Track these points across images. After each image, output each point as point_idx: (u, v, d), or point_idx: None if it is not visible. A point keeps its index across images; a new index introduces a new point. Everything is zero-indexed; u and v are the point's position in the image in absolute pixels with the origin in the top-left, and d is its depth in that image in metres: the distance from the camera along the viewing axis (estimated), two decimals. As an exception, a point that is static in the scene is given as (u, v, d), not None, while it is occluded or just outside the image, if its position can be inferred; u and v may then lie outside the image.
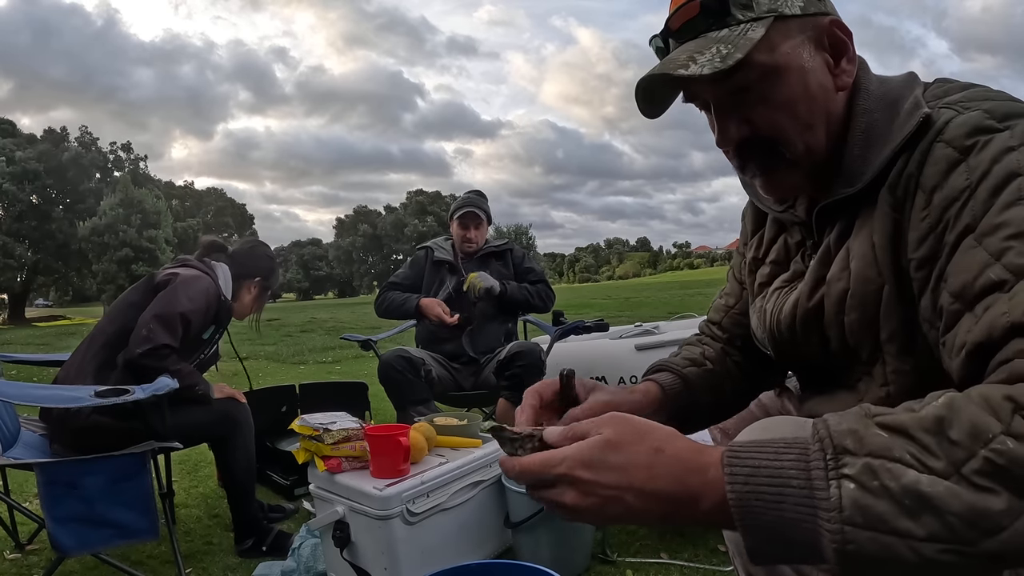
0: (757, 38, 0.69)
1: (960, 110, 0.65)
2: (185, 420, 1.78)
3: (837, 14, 0.76)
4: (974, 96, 0.67)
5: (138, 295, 1.93)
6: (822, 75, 0.73)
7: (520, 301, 2.66)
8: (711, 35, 0.71)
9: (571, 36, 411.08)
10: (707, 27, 0.72)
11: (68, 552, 1.52)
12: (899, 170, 0.68)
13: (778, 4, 0.71)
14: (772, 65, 0.71)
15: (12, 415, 1.90)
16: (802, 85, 0.72)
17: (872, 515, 0.44)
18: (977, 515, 0.43)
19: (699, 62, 0.69)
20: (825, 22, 0.73)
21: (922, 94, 0.71)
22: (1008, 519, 0.43)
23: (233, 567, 1.85)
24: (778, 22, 0.71)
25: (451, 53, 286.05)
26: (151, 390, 1.56)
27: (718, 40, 0.70)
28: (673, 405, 0.90)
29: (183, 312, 1.84)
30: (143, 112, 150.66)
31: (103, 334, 1.87)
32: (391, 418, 2.69)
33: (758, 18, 0.70)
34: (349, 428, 1.53)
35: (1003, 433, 0.44)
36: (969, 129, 0.62)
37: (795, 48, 0.71)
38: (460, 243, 2.73)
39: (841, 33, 0.73)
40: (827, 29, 0.73)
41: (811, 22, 0.72)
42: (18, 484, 2.46)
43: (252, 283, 2.14)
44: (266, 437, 2.47)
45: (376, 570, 1.41)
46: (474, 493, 1.56)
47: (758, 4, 0.71)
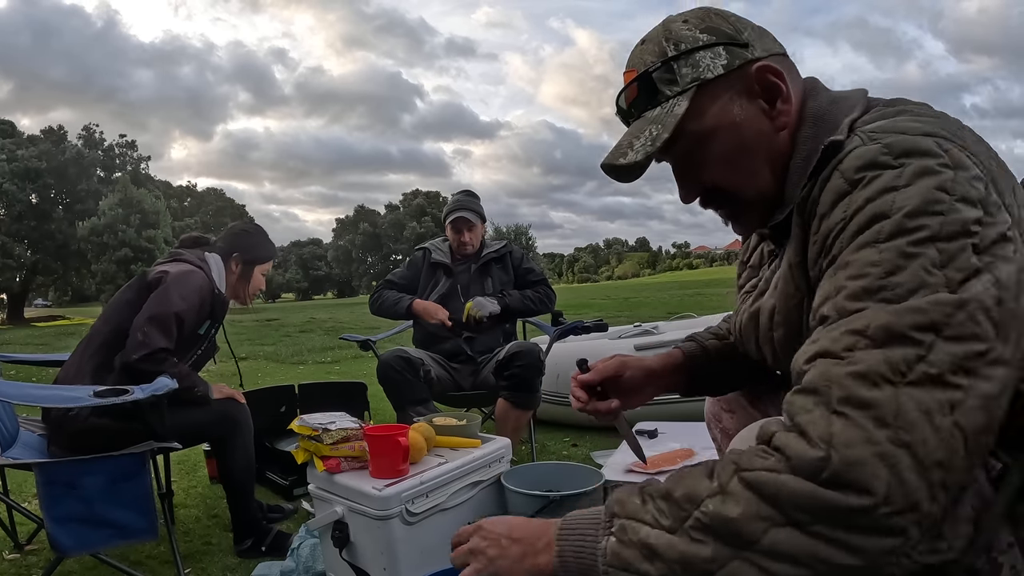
0: (682, 112, 0.75)
1: (866, 140, 0.66)
2: (184, 420, 1.78)
3: (777, 47, 0.79)
4: (887, 128, 0.66)
5: (132, 293, 1.92)
6: (758, 122, 0.76)
7: (521, 311, 2.66)
8: (647, 115, 0.78)
9: (569, 37, 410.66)
10: (644, 107, 0.79)
11: (67, 552, 1.52)
12: (806, 194, 0.71)
13: (700, 71, 0.76)
14: (703, 131, 0.76)
15: (11, 415, 1.90)
16: (737, 140, 0.76)
17: (623, 560, 0.60)
18: (688, 561, 0.56)
19: (635, 147, 0.77)
20: (752, 71, 0.76)
21: (859, 116, 0.72)
22: (715, 565, 0.55)
23: (232, 567, 1.85)
24: (703, 89, 0.76)
25: (449, 54, 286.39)
26: (150, 390, 1.56)
27: (651, 120, 0.77)
28: (691, 368, 1.06)
29: (177, 312, 1.83)
30: (143, 113, 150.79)
31: (99, 334, 1.87)
32: (390, 418, 2.69)
33: (683, 91, 0.76)
34: (348, 428, 1.53)
35: (709, 496, 0.57)
36: (862, 163, 0.63)
37: (724, 107, 0.76)
38: (456, 246, 2.73)
39: (772, 76, 0.76)
40: (756, 77, 0.76)
41: (737, 76, 0.76)
42: (17, 484, 2.45)
43: (233, 261, 2.12)
44: (265, 437, 2.47)
45: (375, 570, 1.41)
46: (473, 493, 1.56)
47: (682, 77, 0.76)
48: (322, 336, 10.90)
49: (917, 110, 0.71)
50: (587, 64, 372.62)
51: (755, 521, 0.54)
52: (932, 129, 0.64)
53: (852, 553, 0.52)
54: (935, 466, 0.52)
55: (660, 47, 0.78)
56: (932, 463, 0.52)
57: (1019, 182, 0.70)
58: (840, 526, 0.52)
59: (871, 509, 0.51)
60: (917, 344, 0.55)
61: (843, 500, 0.52)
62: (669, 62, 0.77)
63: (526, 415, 2.42)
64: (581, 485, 1.48)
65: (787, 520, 0.53)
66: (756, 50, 0.77)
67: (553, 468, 1.66)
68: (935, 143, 0.62)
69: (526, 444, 2.75)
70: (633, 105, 0.81)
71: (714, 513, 0.56)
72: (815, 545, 0.52)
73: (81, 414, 1.70)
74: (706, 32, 0.77)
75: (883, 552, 0.52)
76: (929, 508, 0.52)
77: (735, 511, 0.55)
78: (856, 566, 0.53)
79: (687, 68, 0.76)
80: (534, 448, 2.77)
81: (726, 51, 0.76)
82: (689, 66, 0.76)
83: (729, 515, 0.55)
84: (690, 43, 0.77)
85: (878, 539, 0.52)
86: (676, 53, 0.77)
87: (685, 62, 0.76)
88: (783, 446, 0.56)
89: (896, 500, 0.51)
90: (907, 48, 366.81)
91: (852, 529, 0.52)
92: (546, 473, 1.63)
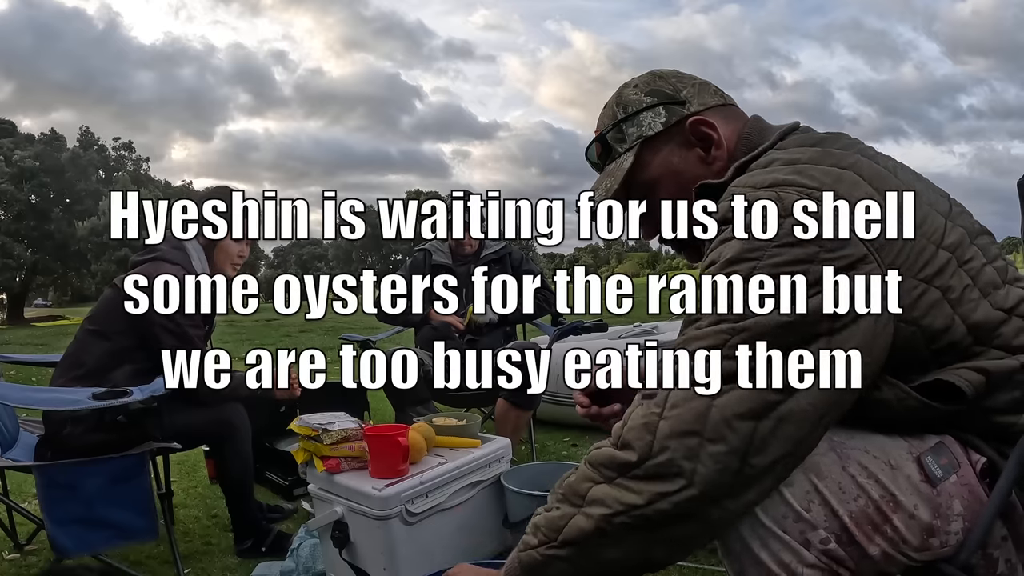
0: (628, 166, 0.90)
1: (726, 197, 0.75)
2: (182, 423, 1.76)
3: (714, 100, 0.90)
4: (742, 183, 0.76)
5: (109, 322, 1.83)
6: (696, 168, 0.88)
7: (520, 320, 2.66)
8: (607, 168, 0.94)
9: (566, 39, 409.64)
10: (605, 161, 0.95)
11: (68, 553, 1.52)
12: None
13: (643, 129, 0.90)
14: (648, 180, 0.90)
15: (12, 417, 1.90)
16: (679, 186, 0.88)
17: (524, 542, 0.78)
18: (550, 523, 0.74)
19: (597, 196, 0.94)
20: (687, 125, 0.88)
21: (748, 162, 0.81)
22: (564, 520, 0.72)
23: (232, 567, 1.85)
24: (646, 144, 0.90)
25: (448, 56, 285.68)
26: (149, 391, 1.56)
27: (608, 174, 0.93)
28: None
29: (180, 321, 1.82)
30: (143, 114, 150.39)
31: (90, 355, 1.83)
32: (390, 418, 2.69)
33: (630, 148, 0.90)
34: (348, 428, 1.53)
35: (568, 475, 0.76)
36: (719, 217, 0.74)
37: (665, 159, 0.89)
38: (456, 247, 2.73)
39: (705, 128, 0.87)
40: (691, 130, 0.88)
41: (676, 131, 0.89)
42: (16, 484, 2.45)
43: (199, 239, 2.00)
44: (265, 437, 2.47)
45: (375, 570, 1.41)
46: (473, 493, 1.56)
47: (628, 136, 0.91)
48: (322, 336, 10.90)
49: (788, 156, 0.77)
50: (584, 66, 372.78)
51: (584, 482, 0.72)
52: (780, 177, 0.72)
53: (633, 493, 0.67)
54: (687, 434, 0.66)
55: (613, 112, 0.93)
56: (683, 431, 0.66)
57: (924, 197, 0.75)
58: (626, 475, 0.68)
59: (638, 462, 0.67)
60: (691, 357, 0.70)
61: (621, 456, 0.69)
62: (619, 123, 0.91)
63: (526, 415, 2.42)
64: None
65: (602, 477, 0.70)
66: (692, 105, 0.89)
67: (553, 468, 1.66)
68: (772, 193, 0.71)
69: (526, 444, 2.75)
70: (599, 158, 0.96)
71: (567, 484, 0.74)
72: (612, 489, 0.69)
73: (76, 432, 1.66)
74: (649, 95, 0.90)
75: (654, 494, 0.66)
76: (690, 465, 0.65)
77: (574, 478, 0.74)
78: (638, 504, 0.67)
79: (632, 128, 0.90)
80: (534, 448, 2.77)
81: (665, 110, 0.89)
82: (634, 126, 0.90)
83: (571, 482, 0.74)
84: (635, 106, 0.91)
85: (650, 484, 0.67)
86: (624, 116, 0.91)
87: (631, 123, 0.90)
88: (612, 430, 0.74)
89: (656, 455, 0.67)
90: (903, 50, 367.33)
91: (634, 478, 0.68)
92: (546, 473, 1.63)
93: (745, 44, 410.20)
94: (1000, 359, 0.70)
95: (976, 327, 0.70)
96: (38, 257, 25.73)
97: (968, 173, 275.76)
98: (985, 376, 0.68)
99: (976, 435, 0.71)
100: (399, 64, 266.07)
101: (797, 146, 0.80)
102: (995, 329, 0.71)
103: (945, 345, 0.70)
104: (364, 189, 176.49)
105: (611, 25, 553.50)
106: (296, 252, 66.81)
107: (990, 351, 0.70)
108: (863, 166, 0.74)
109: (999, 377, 0.69)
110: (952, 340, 0.70)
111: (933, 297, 0.70)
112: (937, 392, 0.69)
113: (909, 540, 0.66)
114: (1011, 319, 0.71)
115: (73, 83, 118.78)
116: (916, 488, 0.67)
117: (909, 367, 0.71)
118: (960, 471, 0.69)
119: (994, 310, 0.71)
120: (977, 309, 0.71)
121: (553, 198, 2.12)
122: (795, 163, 0.75)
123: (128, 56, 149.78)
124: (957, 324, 0.70)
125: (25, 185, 24.45)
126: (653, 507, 0.66)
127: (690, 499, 0.65)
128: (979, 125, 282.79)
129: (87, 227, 24.28)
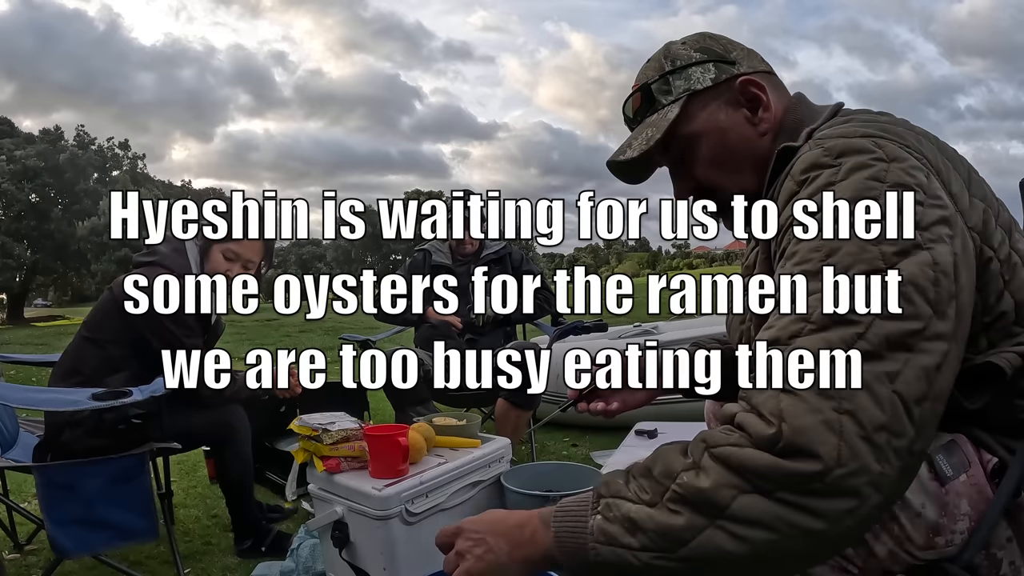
0: (673, 117, 0.87)
1: (812, 146, 0.73)
2: (181, 425, 1.76)
3: (763, 66, 0.90)
4: (831, 134, 0.73)
5: (109, 328, 1.82)
6: (742, 128, 0.87)
7: (520, 320, 2.66)
8: (647, 119, 0.91)
9: (564, 40, 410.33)
10: (645, 114, 0.92)
11: (68, 554, 1.52)
12: (770, 193, 0.79)
13: (692, 83, 0.88)
14: (692, 133, 0.88)
15: (12, 417, 1.90)
16: (722, 143, 0.87)
17: (608, 535, 0.62)
18: (666, 531, 0.59)
19: (633, 147, 0.90)
20: (736, 84, 0.87)
21: (819, 125, 0.79)
22: (690, 533, 0.58)
23: (232, 567, 1.85)
24: (693, 97, 0.88)
25: (447, 57, 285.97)
26: (149, 391, 1.56)
27: (648, 124, 0.90)
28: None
29: (180, 321, 1.82)
30: (144, 115, 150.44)
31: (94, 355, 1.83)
32: (390, 418, 2.69)
33: (676, 99, 0.88)
34: (348, 428, 1.52)
35: (684, 470, 0.60)
36: (806, 165, 0.71)
37: (712, 114, 0.88)
38: (456, 247, 2.73)
39: (754, 89, 0.87)
40: (740, 89, 0.87)
41: (724, 88, 0.88)
42: (16, 484, 2.45)
43: (197, 241, 1.99)
44: (265, 437, 2.47)
45: (375, 570, 1.41)
46: (473, 493, 1.56)
47: (675, 87, 0.89)
48: (321, 336, 10.90)
49: (867, 117, 0.77)
50: (582, 67, 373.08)
51: (724, 489, 0.57)
52: (871, 131, 0.70)
53: (813, 515, 0.55)
54: (879, 429, 0.56)
55: (659, 64, 0.91)
56: (875, 427, 0.55)
57: (976, 180, 0.75)
58: (799, 491, 0.55)
59: (824, 473, 0.55)
60: (855, 324, 0.59)
61: (797, 467, 0.55)
62: (666, 75, 0.89)
63: (526, 415, 2.42)
64: (581, 485, 1.48)
65: (753, 488, 0.57)
66: (742, 67, 0.88)
67: (553, 468, 1.66)
68: (871, 142, 0.68)
69: (526, 444, 2.75)
70: (637, 113, 0.93)
71: (687, 484, 0.59)
72: (779, 509, 0.56)
73: (74, 436, 1.67)
74: (699, 51, 0.89)
75: (841, 513, 0.55)
76: (879, 468, 0.55)
77: (706, 482, 0.58)
78: (819, 529, 0.56)
79: (680, 80, 0.88)
80: (534, 448, 2.78)
81: (715, 67, 0.88)
82: (682, 79, 0.88)
83: (701, 486, 0.58)
84: (684, 60, 0.89)
85: (833, 501, 0.55)
86: (672, 68, 0.89)
87: (679, 76, 0.89)
88: (742, 423, 0.60)
89: (846, 462, 0.55)
90: (900, 51, 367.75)
91: (809, 493, 0.55)
92: (546, 473, 1.63)
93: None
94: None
95: (1020, 306, 0.70)
96: (38, 257, 25.71)
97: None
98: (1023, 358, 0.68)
99: (989, 429, 0.71)
100: (398, 65, 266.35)
101: (865, 114, 0.79)
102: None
103: (996, 317, 0.70)
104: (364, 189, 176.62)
105: (609, 26, 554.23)
106: (296, 252, 66.83)
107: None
108: (931, 137, 0.75)
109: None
110: (1003, 311, 0.70)
111: (995, 268, 0.70)
112: (973, 384, 0.69)
113: (914, 538, 0.66)
114: None
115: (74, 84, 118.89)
116: (924, 486, 0.67)
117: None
118: (970, 470, 0.69)
119: None
120: (1023, 288, 0.71)
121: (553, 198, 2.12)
122: (875, 121, 0.74)
123: (129, 57, 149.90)
124: (1007, 299, 0.70)
125: (26, 185, 24.43)
126: (837, 529, 0.55)
127: (876, 508, 0.56)
128: (977, 125, 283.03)
129: (87, 227, 24.25)
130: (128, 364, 1.79)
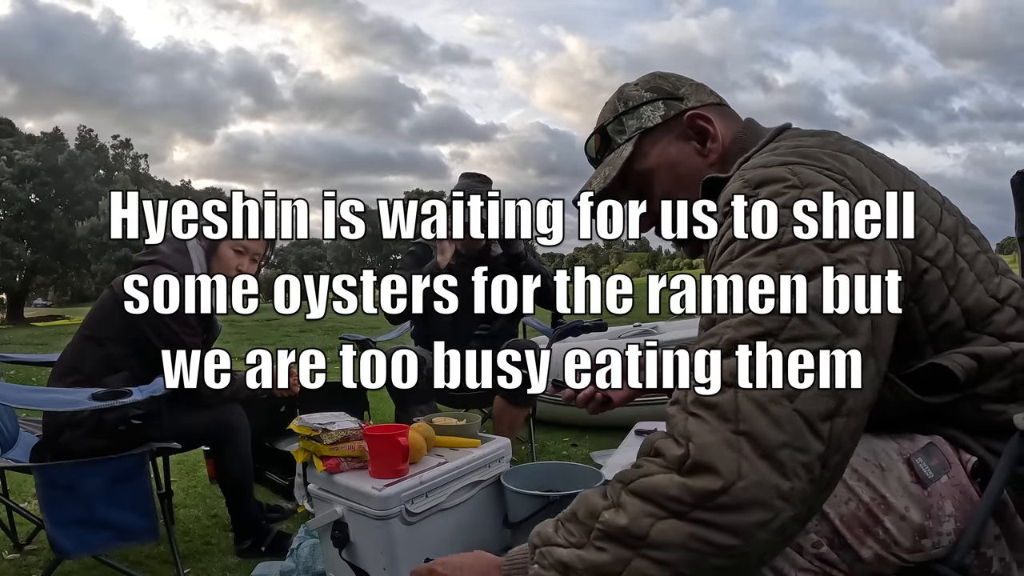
0: (627, 155, 0.93)
1: (736, 178, 0.75)
2: (181, 425, 1.76)
3: (711, 99, 0.95)
4: (753, 164, 0.76)
5: (110, 327, 1.82)
6: (692, 160, 0.92)
7: (535, 268, 2.57)
8: (606, 159, 0.98)
9: (559, 43, 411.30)
10: (603, 153, 0.99)
11: (68, 554, 1.53)
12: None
13: (643, 121, 0.94)
14: (646, 169, 0.94)
15: (11, 417, 1.90)
16: (674, 175, 0.92)
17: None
18: (596, 568, 0.61)
19: (593, 185, 0.97)
20: (684, 119, 0.92)
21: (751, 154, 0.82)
22: (619, 566, 0.59)
23: (232, 567, 1.85)
24: (645, 135, 0.94)
25: (444, 60, 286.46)
26: (149, 391, 1.56)
27: (606, 164, 0.96)
28: None
29: (181, 322, 1.82)
30: (145, 117, 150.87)
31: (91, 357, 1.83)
32: (390, 418, 2.69)
33: (629, 138, 0.95)
34: (348, 428, 1.53)
35: (604, 509, 0.62)
36: (727, 198, 0.73)
37: (663, 149, 0.93)
38: None
39: (701, 121, 0.91)
40: (688, 123, 0.92)
41: (674, 123, 0.93)
42: (16, 484, 2.45)
43: (200, 241, 2.00)
44: (265, 437, 2.47)
45: (375, 570, 1.41)
46: (473, 493, 1.56)
47: (628, 127, 0.95)
48: (322, 336, 10.90)
49: (795, 143, 0.78)
50: (577, 69, 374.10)
51: (642, 519, 0.59)
52: (790, 158, 0.73)
53: (724, 532, 0.56)
54: (780, 447, 0.57)
55: (614, 106, 0.97)
56: (773, 446, 0.57)
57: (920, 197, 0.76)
58: (708, 508, 0.57)
59: (725, 488, 0.56)
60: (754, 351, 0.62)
61: (702, 484, 0.57)
62: (620, 116, 0.96)
63: (523, 412, 2.42)
64: (581, 485, 1.48)
65: (668, 512, 0.58)
66: (690, 101, 0.93)
67: (553, 468, 1.66)
68: (787, 170, 0.71)
69: (526, 444, 2.75)
70: (598, 152, 1.00)
71: (609, 521, 0.61)
72: (693, 528, 0.57)
73: (73, 437, 1.67)
74: (649, 91, 0.95)
75: (751, 526, 0.56)
76: (787, 483, 0.57)
77: (625, 518, 0.60)
78: (734, 544, 0.56)
79: (632, 120, 0.95)
80: (534, 448, 2.78)
81: (664, 104, 0.94)
82: (634, 118, 0.94)
83: (621, 523, 0.60)
84: (636, 100, 0.95)
85: (741, 515, 0.56)
86: (624, 109, 0.95)
87: (631, 115, 0.95)
88: (660, 449, 0.62)
89: (746, 475, 0.56)
90: (893, 53, 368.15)
91: (717, 509, 0.56)
92: (546, 473, 1.63)
93: (737, 48, 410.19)
94: (993, 346, 0.70)
95: (969, 312, 0.71)
96: (38, 257, 25.71)
97: (963, 174, 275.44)
98: (978, 362, 0.69)
99: (965, 430, 0.72)
100: (396, 68, 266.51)
101: (796, 138, 0.82)
102: (988, 316, 0.72)
103: (940, 326, 0.71)
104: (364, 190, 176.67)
105: (603, 29, 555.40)
106: (296, 252, 66.79)
107: (982, 337, 0.71)
108: (862, 154, 0.77)
109: (991, 364, 0.69)
110: (948, 320, 0.71)
111: (934, 277, 0.71)
112: (928, 386, 0.70)
113: (901, 542, 0.67)
114: (1004, 308, 0.72)
115: (76, 87, 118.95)
116: (907, 489, 0.68)
117: (907, 351, 0.71)
118: (951, 471, 0.69)
119: (987, 297, 0.72)
120: (971, 293, 0.72)
121: (553, 198, 2.11)
122: (799, 148, 0.76)
123: (131, 60, 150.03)
124: (952, 306, 0.71)
125: (26, 185, 24.43)
126: (751, 542, 0.57)
127: (790, 520, 0.58)
128: (971, 127, 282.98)
129: (87, 227, 24.25)
130: (128, 363, 1.79)
